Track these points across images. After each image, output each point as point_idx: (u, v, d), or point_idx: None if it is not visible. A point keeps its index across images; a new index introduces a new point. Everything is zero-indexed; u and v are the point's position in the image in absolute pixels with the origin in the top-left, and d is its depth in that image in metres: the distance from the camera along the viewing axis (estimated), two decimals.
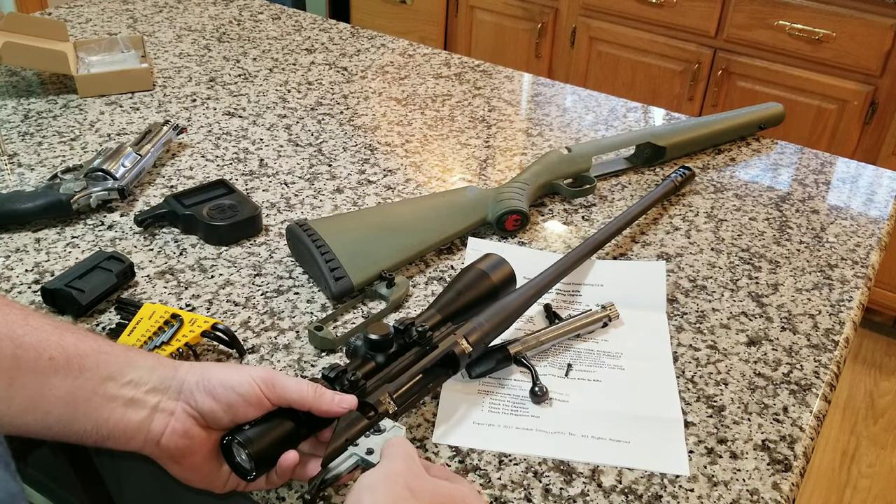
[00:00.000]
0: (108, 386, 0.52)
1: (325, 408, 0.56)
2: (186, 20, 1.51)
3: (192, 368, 0.56)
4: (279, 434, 0.55)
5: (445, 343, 0.66)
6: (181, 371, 0.55)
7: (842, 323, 0.83)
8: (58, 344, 0.51)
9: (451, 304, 0.70)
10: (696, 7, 2.12)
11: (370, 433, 0.57)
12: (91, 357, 0.52)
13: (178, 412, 0.54)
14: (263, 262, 0.87)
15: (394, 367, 0.63)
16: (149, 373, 0.54)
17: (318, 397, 0.56)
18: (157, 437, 0.54)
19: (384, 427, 0.57)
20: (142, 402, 0.53)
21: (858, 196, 1.07)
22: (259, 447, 0.54)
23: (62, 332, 0.52)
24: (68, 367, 0.51)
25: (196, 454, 0.55)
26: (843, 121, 2.04)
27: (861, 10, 1.91)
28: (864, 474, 1.92)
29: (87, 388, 0.51)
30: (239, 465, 0.56)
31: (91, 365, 0.51)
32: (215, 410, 0.54)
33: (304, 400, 0.55)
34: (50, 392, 0.50)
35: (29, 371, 0.49)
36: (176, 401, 0.54)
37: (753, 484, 0.64)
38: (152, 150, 1.01)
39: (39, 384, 0.49)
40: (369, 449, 0.55)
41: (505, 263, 0.74)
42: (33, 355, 0.49)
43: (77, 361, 0.51)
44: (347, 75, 1.33)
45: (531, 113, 1.25)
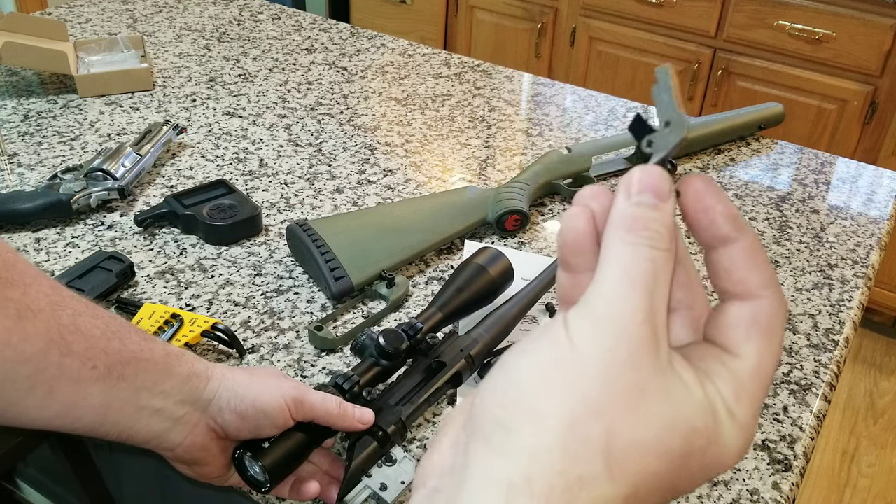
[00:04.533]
0: (140, 396, 0.51)
1: (347, 424, 0.56)
2: (186, 20, 1.51)
3: (224, 381, 0.55)
4: (292, 446, 0.55)
5: (452, 360, 0.66)
6: (213, 383, 0.54)
7: (842, 323, 0.83)
8: (103, 351, 0.50)
9: (452, 301, 0.70)
10: (696, 7, 2.12)
11: (382, 464, 0.57)
12: (131, 365, 0.51)
13: (200, 426, 0.54)
14: (263, 262, 0.87)
15: (402, 382, 0.63)
16: (181, 383, 0.53)
17: (342, 414, 0.56)
18: (174, 446, 0.54)
19: (395, 457, 0.57)
20: (168, 413, 0.52)
21: (858, 196, 1.07)
22: (273, 460, 0.54)
23: (109, 337, 0.51)
24: (108, 377, 0.50)
25: (210, 464, 0.56)
26: (843, 121, 2.04)
27: (861, 10, 1.91)
28: (864, 474, 1.92)
29: (121, 397, 0.50)
30: (252, 478, 0.56)
31: (130, 374, 0.51)
32: (240, 430, 0.54)
33: (328, 416, 0.55)
34: (85, 401, 0.49)
35: (70, 380, 0.48)
36: (202, 414, 0.54)
37: (753, 484, 0.64)
38: (152, 150, 1.01)
39: (77, 392, 0.49)
40: (383, 484, 0.56)
41: (502, 257, 0.74)
42: (78, 364, 0.48)
43: (118, 370, 0.50)
44: (347, 75, 1.33)
45: (531, 113, 1.25)
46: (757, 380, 0.27)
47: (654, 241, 0.26)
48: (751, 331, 0.27)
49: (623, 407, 0.25)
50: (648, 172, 0.27)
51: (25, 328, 0.46)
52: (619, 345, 0.25)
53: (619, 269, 0.26)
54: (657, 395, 0.25)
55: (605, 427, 0.24)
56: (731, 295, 0.28)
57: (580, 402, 0.25)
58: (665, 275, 0.26)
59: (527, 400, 0.25)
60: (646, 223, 0.26)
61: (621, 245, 0.26)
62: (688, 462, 0.26)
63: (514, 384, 0.26)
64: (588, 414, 0.24)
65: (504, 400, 0.26)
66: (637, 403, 0.25)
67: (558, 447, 0.24)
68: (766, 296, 0.27)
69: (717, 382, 0.27)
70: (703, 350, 0.28)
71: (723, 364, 0.27)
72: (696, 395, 0.26)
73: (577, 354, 0.25)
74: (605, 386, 0.25)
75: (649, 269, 0.26)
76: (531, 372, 0.26)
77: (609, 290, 0.26)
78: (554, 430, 0.24)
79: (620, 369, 0.25)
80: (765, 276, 0.28)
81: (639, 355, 0.25)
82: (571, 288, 0.29)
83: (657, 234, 0.26)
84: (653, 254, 0.26)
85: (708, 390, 0.26)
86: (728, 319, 0.28)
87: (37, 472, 1.24)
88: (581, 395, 0.25)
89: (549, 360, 0.26)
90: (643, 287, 0.25)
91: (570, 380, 0.25)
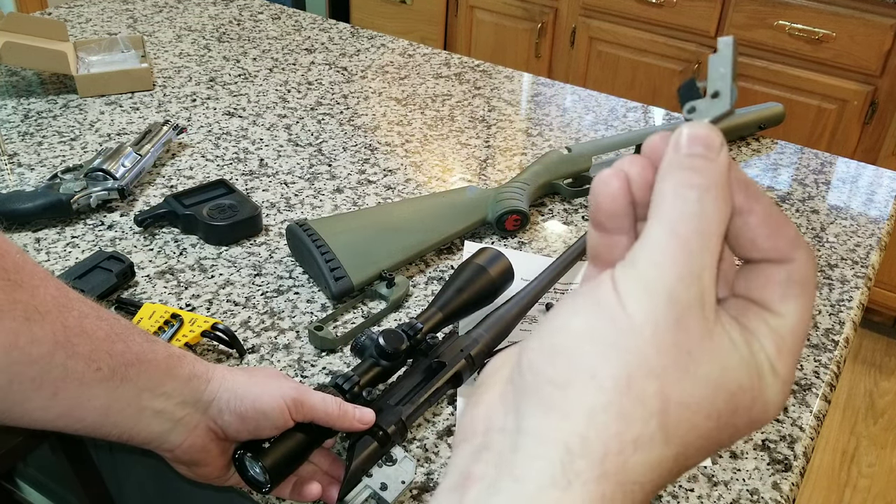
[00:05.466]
0: (143, 397, 0.51)
1: (348, 425, 0.56)
2: (186, 20, 1.51)
3: (224, 382, 0.55)
4: (292, 446, 0.55)
5: (453, 360, 0.66)
6: (213, 384, 0.54)
7: (842, 323, 0.83)
8: (107, 353, 0.50)
9: (452, 301, 0.70)
10: (696, 7, 2.12)
11: (382, 464, 0.57)
12: (134, 367, 0.51)
13: (200, 427, 0.54)
14: (263, 262, 0.87)
15: (402, 383, 0.63)
16: (183, 385, 0.53)
17: (342, 415, 0.56)
18: (173, 447, 0.54)
19: (396, 457, 0.57)
20: (169, 415, 0.53)
21: (858, 196, 1.07)
22: (273, 460, 0.54)
23: (113, 339, 0.51)
24: (112, 378, 0.50)
25: (209, 465, 0.56)
26: (843, 121, 2.04)
27: (861, 10, 1.91)
28: (864, 474, 1.92)
29: (123, 399, 0.51)
30: (253, 479, 0.56)
31: (133, 375, 0.51)
32: (240, 431, 0.54)
33: (328, 417, 0.55)
34: (89, 402, 0.49)
35: (75, 381, 0.48)
36: (202, 415, 0.54)
37: (753, 484, 0.64)
38: (152, 150, 1.01)
39: (81, 394, 0.49)
40: (383, 484, 0.56)
41: (502, 257, 0.74)
42: (83, 366, 0.49)
43: (121, 372, 0.50)
44: (347, 75, 1.33)
45: (531, 113, 1.25)
46: (796, 336, 0.27)
47: (704, 193, 0.25)
48: (788, 290, 0.27)
49: (674, 368, 0.25)
50: (697, 126, 0.26)
51: (32, 330, 0.46)
52: (668, 308, 0.25)
53: (668, 226, 0.25)
54: (706, 355, 0.25)
55: (659, 388, 0.24)
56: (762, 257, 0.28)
57: (635, 364, 0.24)
58: (717, 229, 0.26)
59: (581, 359, 0.25)
60: (699, 171, 0.26)
61: (671, 197, 0.26)
62: (733, 419, 0.26)
63: (567, 343, 0.25)
64: (643, 375, 0.24)
65: (556, 358, 0.25)
66: (686, 364, 0.25)
67: (614, 408, 0.24)
68: (796, 257, 0.27)
69: (761, 339, 0.27)
70: (744, 306, 0.28)
71: (764, 322, 0.27)
72: (742, 354, 0.26)
73: (629, 315, 0.25)
74: (656, 348, 0.25)
75: (698, 227, 0.25)
76: (583, 332, 0.25)
77: (657, 252, 0.25)
78: (610, 391, 0.24)
79: (670, 332, 0.25)
80: (791, 238, 0.27)
81: (686, 318, 0.25)
82: (605, 247, 0.29)
83: (710, 182, 0.25)
84: (702, 207, 0.25)
85: (753, 348, 0.26)
86: (763, 280, 0.28)
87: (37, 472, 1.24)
88: (635, 356, 0.24)
89: (602, 321, 0.25)
90: (691, 249, 0.25)
91: (625, 341, 0.25)
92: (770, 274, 0.27)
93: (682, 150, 0.26)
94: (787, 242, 0.27)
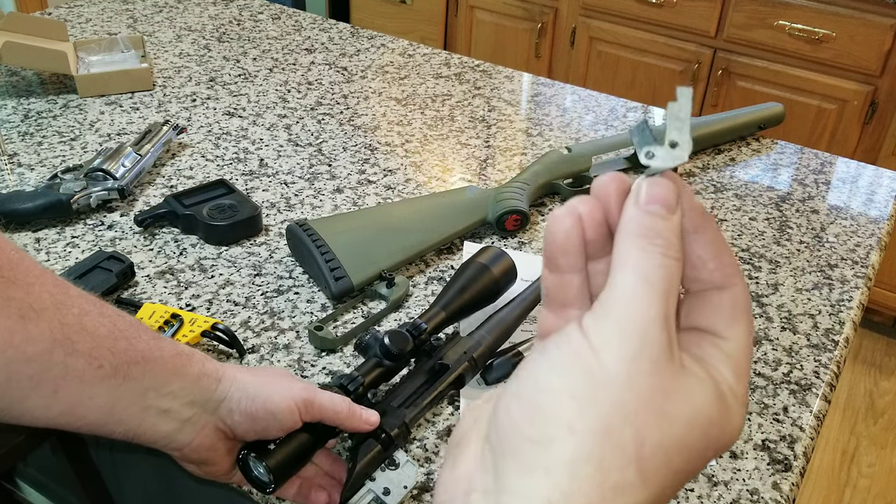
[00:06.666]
0: (147, 396, 0.51)
1: (356, 425, 0.56)
2: (186, 20, 1.51)
3: (235, 382, 0.54)
4: (297, 447, 0.55)
5: (456, 363, 0.66)
6: (224, 384, 0.54)
7: (842, 323, 0.83)
8: (109, 350, 0.49)
9: (455, 300, 0.69)
10: (696, 7, 2.12)
11: (385, 467, 0.57)
12: (139, 365, 0.50)
13: (208, 427, 0.54)
14: (263, 262, 0.87)
15: (405, 384, 0.63)
16: (191, 384, 0.53)
17: (350, 415, 0.55)
18: (181, 447, 0.54)
19: (398, 461, 0.57)
20: (176, 414, 0.52)
21: (858, 196, 1.07)
22: (278, 461, 0.54)
23: (116, 336, 0.50)
24: (114, 376, 0.49)
25: (217, 464, 0.56)
26: (843, 121, 2.04)
27: (861, 10, 1.91)
28: (864, 474, 1.92)
29: (127, 397, 0.50)
30: (257, 479, 0.56)
31: (137, 374, 0.50)
32: (248, 431, 0.54)
33: (337, 417, 0.55)
34: (91, 401, 0.49)
35: (75, 379, 0.48)
36: (211, 415, 0.54)
37: (753, 484, 0.64)
38: (152, 150, 1.01)
39: (82, 392, 0.48)
40: (386, 489, 0.56)
41: (505, 256, 0.74)
42: (83, 364, 0.48)
43: (124, 370, 0.50)
44: (347, 75, 1.33)
45: (531, 113, 1.25)
46: (747, 357, 0.29)
47: (667, 250, 0.27)
48: (734, 315, 0.29)
49: (649, 412, 0.25)
50: (657, 184, 0.28)
51: (28, 328, 0.46)
52: (642, 351, 0.26)
53: (637, 274, 0.26)
54: (678, 395, 0.26)
55: (635, 433, 0.25)
56: (707, 283, 0.29)
57: (612, 412, 0.25)
58: (676, 281, 0.27)
59: (557, 413, 0.25)
60: (658, 231, 0.27)
61: (637, 251, 0.27)
62: (705, 452, 0.27)
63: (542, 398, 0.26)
64: (620, 422, 0.25)
65: (532, 414, 0.26)
66: (661, 406, 0.25)
67: (594, 459, 0.25)
68: (737, 282, 0.29)
69: (719, 366, 0.28)
70: (696, 337, 0.29)
71: (718, 348, 0.28)
72: (708, 387, 0.27)
73: (603, 364, 0.26)
74: (632, 393, 0.25)
75: (664, 276, 0.26)
76: (559, 385, 0.26)
77: (628, 296, 0.26)
78: (588, 442, 0.25)
79: (645, 375, 0.25)
80: (733, 263, 0.29)
81: (660, 360, 0.26)
82: (559, 288, 0.30)
83: (669, 242, 0.27)
84: (666, 261, 0.27)
85: (716, 378, 0.27)
86: (710, 308, 0.29)
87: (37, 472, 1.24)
88: (611, 404, 0.25)
89: (575, 371, 0.26)
90: (661, 293, 0.26)
91: (600, 390, 0.25)
92: (716, 301, 0.29)
93: (641, 205, 0.27)
94: (730, 266, 0.29)
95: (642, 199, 0.27)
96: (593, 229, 0.29)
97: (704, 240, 0.28)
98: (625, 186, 0.29)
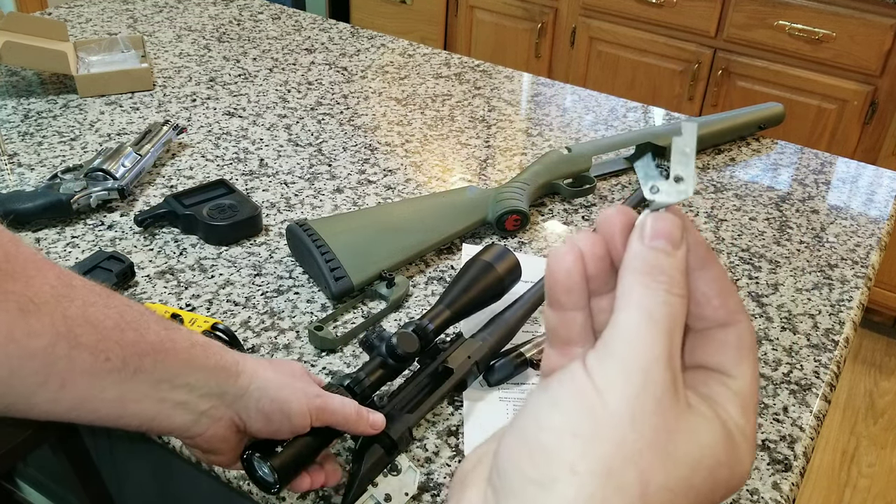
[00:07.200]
0: (160, 388, 0.50)
1: (362, 429, 0.56)
2: (186, 20, 1.51)
3: (256, 378, 0.54)
4: (302, 448, 0.55)
5: (460, 368, 0.66)
6: (244, 379, 0.53)
7: (842, 323, 0.83)
8: (117, 343, 0.48)
9: (460, 298, 0.69)
10: (696, 7, 2.12)
11: (387, 473, 0.57)
12: (149, 357, 0.49)
13: (224, 419, 0.53)
14: (263, 262, 0.87)
15: (409, 387, 0.63)
16: (207, 376, 0.52)
17: (358, 420, 0.56)
18: (194, 436, 0.53)
19: (400, 466, 0.58)
20: (192, 407, 0.52)
21: (858, 196, 1.07)
22: (283, 462, 0.54)
23: (124, 327, 0.49)
24: (123, 369, 0.48)
25: (225, 454, 0.56)
26: (843, 121, 2.04)
27: (861, 10, 1.91)
28: (864, 474, 1.92)
29: (138, 390, 0.49)
30: (261, 479, 0.56)
31: (147, 366, 0.49)
32: (261, 430, 0.54)
33: (346, 422, 0.56)
34: (101, 394, 0.48)
35: (83, 373, 0.47)
36: (228, 408, 0.53)
37: (753, 484, 0.64)
38: (152, 150, 1.01)
39: (91, 385, 0.47)
40: (387, 495, 0.56)
41: (509, 253, 0.73)
42: (89, 357, 0.47)
43: (134, 363, 0.48)
44: (347, 75, 1.33)
45: (531, 113, 1.25)
46: (754, 394, 0.28)
47: (671, 286, 0.26)
48: (740, 352, 0.28)
49: (654, 452, 0.25)
50: (662, 219, 0.27)
51: (29, 322, 0.45)
52: (646, 390, 0.25)
53: (641, 312, 0.26)
54: (683, 435, 0.25)
55: (639, 474, 0.24)
56: (712, 321, 0.29)
57: (614, 452, 0.25)
58: (681, 318, 0.27)
59: (560, 455, 0.25)
60: (662, 268, 0.27)
61: (640, 288, 0.26)
62: (712, 495, 0.26)
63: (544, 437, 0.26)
64: (622, 463, 0.25)
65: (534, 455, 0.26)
66: (665, 446, 0.25)
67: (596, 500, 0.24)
68: (742, 319, 0.29)
69: (726, 405, 0.27)
70: (702, 376, 0.29)
71: (726, 386, 0.28)
72: (716, 427, 0.26)
73: (606, 403, 0.25)
74: (636, 433, 0.25)
75: (668, 313, 0.26)
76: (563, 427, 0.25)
77: (632, 335, 0.26)
78: (590, 484, 0.24)
79: (649, 415, 0.25)
80: (737, 300, 0.29)
81: (664, 399, 0.25)
82: (562, 326, 0.29)
83: (673, 279, 0.27)
84: (670, 298, 0.26)
85: (723, 418, 0.27)
86: (716, 345, 0.29)
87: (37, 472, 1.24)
88: (614, 444, 0.25)
89: (578, 410, 0.26)
90: (665, 331, 0.26)
91: (603, 430, 0.25)
92: (722, 339, 0.28)
93: (646, 241, 0.27)
94: (735, 303, 0.28)
95: (647, 234, 0.27)
96: (595, 265, 0.28)
97: (709, 276, 0.28)
98: (629, 220, 0.28)
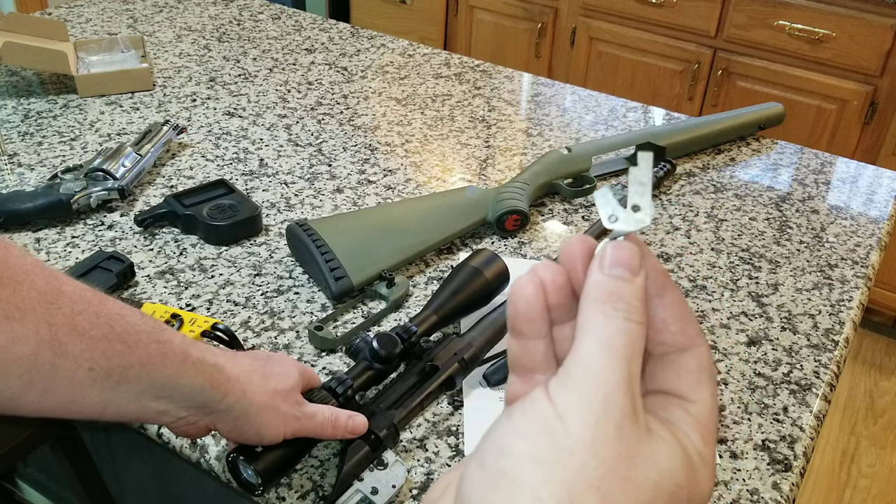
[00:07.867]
0: (142, 399, 0.51)
1: (340, 436, 0.58)
2: (186, 20, 1.51)
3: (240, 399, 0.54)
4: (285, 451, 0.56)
5: (446, 365, 0.66)
6: (229, 399, 0.54)
7: (842, 323, 0.83)
8: (102, 353, 0.48)
9: (447, 304, 0.70)
10: (696, 7, 2.12)
11: (374, 467, 0.57)
12: (134, 369, 0.50)
13: (199, 424, 0.55)
14: (263, 262, 0.87)
15: (396, 386, 0.63)
16: (193, 392, 0.52)
17: (334, 433, 0.57)
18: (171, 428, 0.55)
19: (387, 461, 0.58)
20: (173, 413, 0.53)
21: (858, 196, 1.07)
22: (266, 465, 0.55)
23: (111, 338, 0.49)
24: (107, 379, 0.49)
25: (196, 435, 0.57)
26: (843, 121, 2.04)
27: (861, 10, 1.91)
28: (864, 474, 1.92)
29: (120, 399, 0.50)
30: (246, 482, 0.56)
31: (132, 377, 0.49)
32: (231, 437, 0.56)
33: (324, 436, 0.58)
34: (83, 400, 0.48)
35: (66, 380, 0.47)
36: (205, 416, 0.54)
37: (753, 484, 0.64)
38: (152, 150, 1.01)
39: (73, 392, 0.48)
40: (374, 488, 0.56)
41: (497, 259, 0.74)
42: (72, 366, 0.47)
43: (118, 373, 0.49)
44: (347, 75, 1.33)
45: (531, 113, 1.25)
46: (713, 419, 0.29)
47: (630, 314, 0.27)
48: (700, 377, 0.29)
49: (614, 477, 0.25)
50: (621, 247, 0.28)
51: (14, 328, 0.45)
52: (606, 416, 0.26)
53: (599, 340, 0.27)
54: (644, 460, 0.26)
55: (601, 498, 0.25)
56: (670, 346, 0.29)
57: (576, 478, 0.25)
58: (640, 344, 0.27)
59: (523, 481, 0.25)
60: (620, 296, 0.27)
61: (600, 316, 0.27)
62: None
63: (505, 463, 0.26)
64: (585, 488, 0.25)
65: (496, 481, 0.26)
66: (626, 471, 0.25)
67: None
68: (700, 343, 0.29)
69: (686, 429, 0.28)
70: (662, 401, 0.29)
71: (685, 411, 0.28)
72: (676, 452, 0.27)
73: (568, 429, 0.26)
74: (597, 458, 0.25)
75: (627, 341, 0.27)
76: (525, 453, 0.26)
77: (592, 362, 0.26)
78: None
79: (609, 440, 0.25)
80: (695, 325, 0.29)
81: (624, 425, 0.26)
82: (525, 354, 0.30)
83: (632, 306, 0.27)
84: (629, 325, 0.27)
85: (683, 442, 0.27)
86: (675, 370, 0.29)
87: (37, 472, 1.24)
88: (575, 470, 0.25)
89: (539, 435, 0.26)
90: (623, 358, 0.26)
91: (565, 456, 0.25)
92: (681, 363, 0.29)
93: (605, 269, 0.28)
94: (693, 328, 0.29)
95: (606, 262, 0.28)
96: (556, 294, 0.29)
97: (668, 302, 0.29)
98: (590, 249, 0.29)
